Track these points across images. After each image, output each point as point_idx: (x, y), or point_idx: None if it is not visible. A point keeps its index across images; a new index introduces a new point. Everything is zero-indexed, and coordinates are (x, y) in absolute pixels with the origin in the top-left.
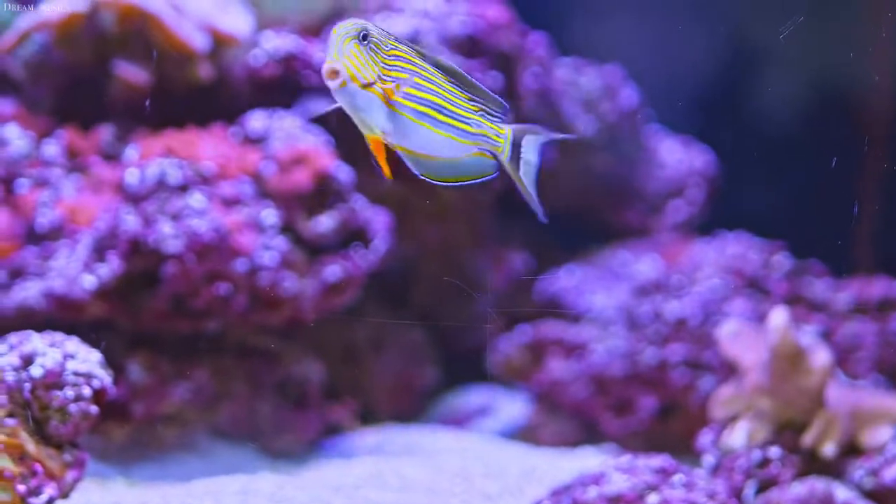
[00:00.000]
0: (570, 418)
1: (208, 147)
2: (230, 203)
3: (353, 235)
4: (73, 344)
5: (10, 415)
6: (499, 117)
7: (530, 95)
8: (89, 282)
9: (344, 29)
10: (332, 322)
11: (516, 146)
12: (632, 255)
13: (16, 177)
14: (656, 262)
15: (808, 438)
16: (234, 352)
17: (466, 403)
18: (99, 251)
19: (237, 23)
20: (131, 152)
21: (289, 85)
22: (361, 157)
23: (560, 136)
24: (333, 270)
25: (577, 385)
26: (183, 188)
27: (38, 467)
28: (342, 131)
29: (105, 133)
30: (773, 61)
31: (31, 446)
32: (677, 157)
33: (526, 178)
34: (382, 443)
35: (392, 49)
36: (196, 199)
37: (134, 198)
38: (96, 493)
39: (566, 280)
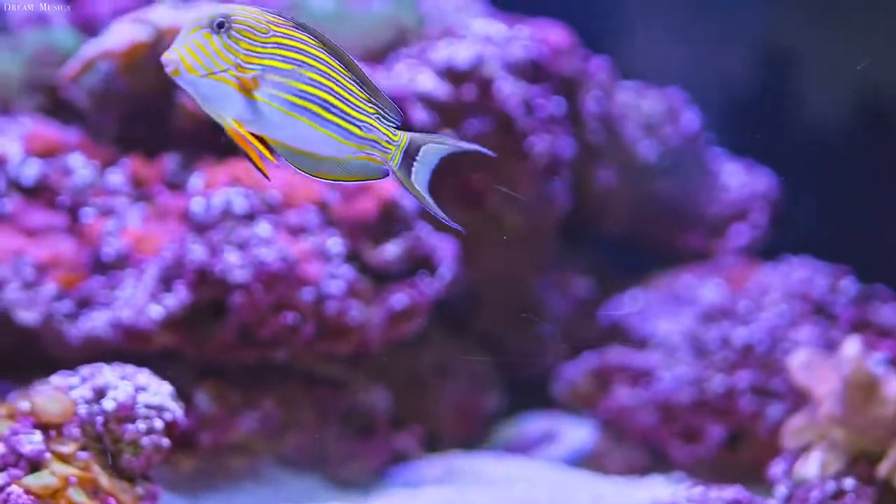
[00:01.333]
0: (637, 446)
1: (272, 175)
2: (296, 232)
3: (419, 263)
4: (145, 376)
5: (83, 448)
6: (393, 123)
7: (592, 120)
8: (156, 312)
9: (195, 16)
10: (397, 348)
11: (411, 153)
12: (695, 280)
13: (81, 206)
14: (720, 286)
15: (883, 469)
16: (300, 380)
17: (531, 430)
18: (165, 281)
19: None
20: (196, 181)
21: None
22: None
23: (466, 146)
24: (400, 298)
25: (644, 412)
26: (249, 217)
27: (112, 501)
28: None
29: (169, 162)
30: (840, 85)
31: (104, 480)
32: (740, 181)
33: (418, 184)
34: (448, 471)
35: (275, 36)
36: (262, 228)
37: (200, 227)
38: None
39: (630, 305)
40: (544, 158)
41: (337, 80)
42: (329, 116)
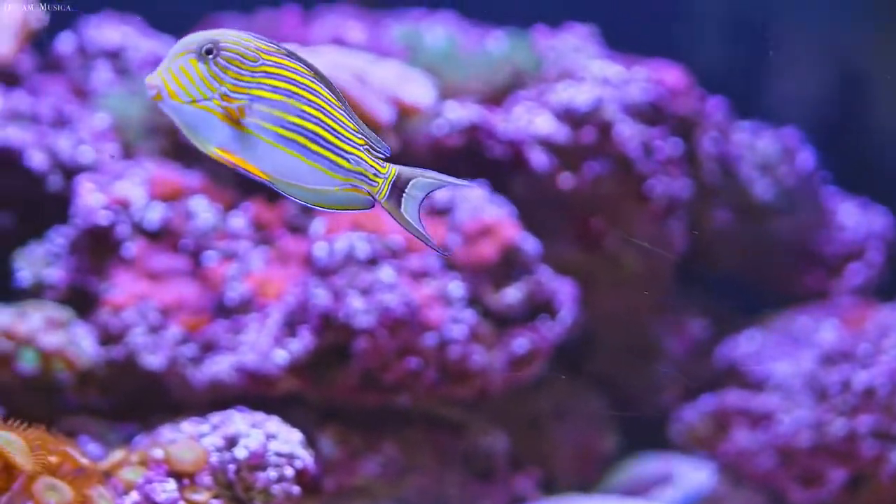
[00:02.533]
0: (756, 489)
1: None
2: (418, 276)
3: (540, 307)
4: (274, 424)
5: (216, 496)
6: (381, 155)
7: (709, 160)
8: (281, 357)
9: (183, 42)
10: (515, 391)
11: (399, 186)
12: (811, 321)
13: (204, 249)
14: (837, 327)
15: None
16: (420, 423)
17: (647, 472)
18: (290, 326)
19: (420, 93)
20: (318, 225)
21: (472, 155)
22: (544, 227)
23: (452, 180)
24: (521, 343)
25: (764, 455)
26: (372, 262)
27: None
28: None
29: (290, 205)
30: None
31: None
32: (855, 220)
33: (409, 214)
34: None
35: (264, 65)
36: (385, 273)
37: (323, 272)
38: None
39: (747, 346)
40: (663, 201)
41: (327, 112)
42: (317, 149)
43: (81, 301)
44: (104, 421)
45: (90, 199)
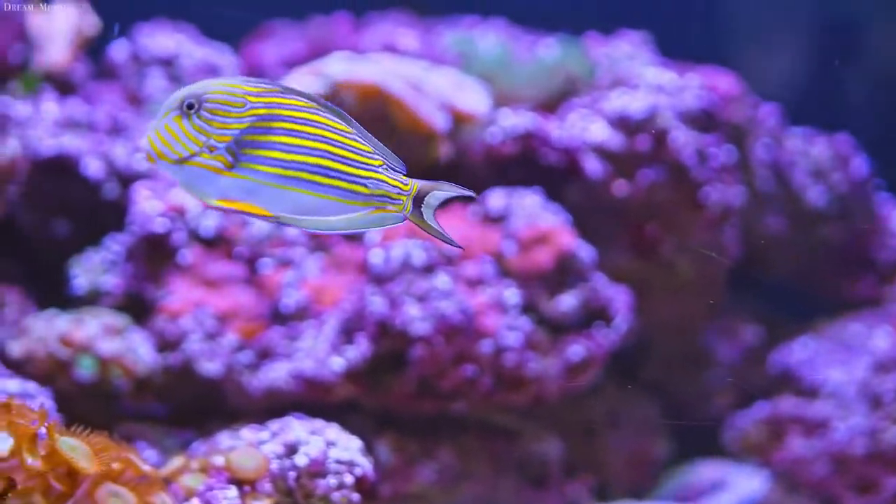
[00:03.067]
0: (810, 497)
1: (450, 226)
2: (474, 283)
3: (595, 314)
4: (334, 431)
5: (276, 503)
6: (399, 171)
7: (762, 167)
8: (338, 364)
9: (166, 101)
10: (569, 397)
11: (419, 199)
12: (864, 328)
13: (259, 256)
14: (890, 335)
15: None
16: (476, 430)
17: (701, 478)
18: (346, 333)
19: (475, 100)
20: (373, 233)
21: (527, 162)
22: (598, 234)
23: (461, 191)
24: (576, 350)
25: (818, 463)
26: (428, 269)
27: None
28: (580, 209)
29: None
30: None
31: None
32: None
33: (429, 221)
34: None
35: (253, 109)
36: (441, 280)
37: (379, 279)
38: None
39: (800, 353)
40: (718, 208)
41: (335, 141)
42: (328, 181)
43: (138, 308)
44: (161, 427)
45: (146, 206)
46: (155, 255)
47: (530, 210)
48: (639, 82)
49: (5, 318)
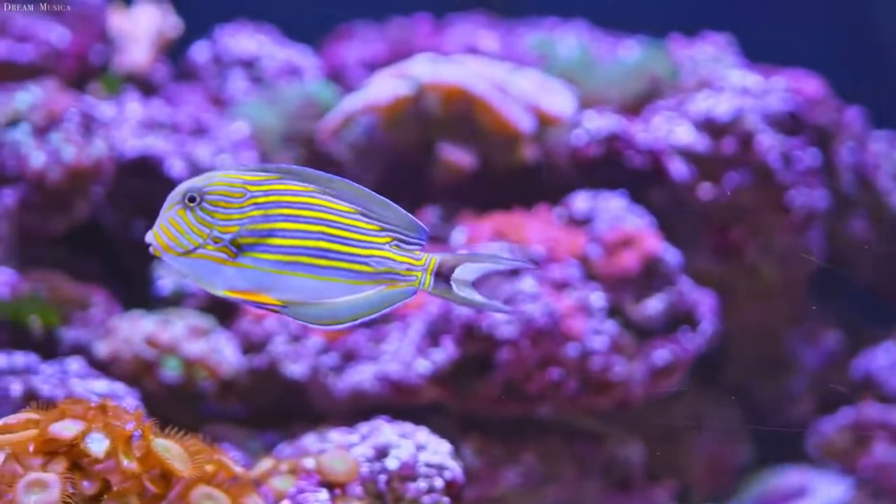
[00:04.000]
0: None
1: (535, 229)
2: (560, 287)
3: (681, 318)
4: (424, 434)
5: None
6: (416, 242)
7: (846, 170)
8: (424, 367)
9: (170, 195)
10: (651, 401)
11: (444, 274)
12: None
13: None
14: None
15: None
16: (560, 434)
17: (783, 484)
18: (432, 336)
19: (560, 102)
20: (459, 235)
21: (612, 165)
22: (682, 237)
23: (507, 262)
24: (662, 354)
25: None
26: (514, 272)
27: None
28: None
29: (431, 215)
30: None
31: None
32: None
33: (465, 293)
34: None
35: (253, 198)
36: (527, 283)
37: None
38: None
39: (884, 359)
40: (803, 212)
41: (334, 223)
42: (329, 263)
43: (222, 310)
44: (245, 429)
45: None
46: None
47: (615, 213)
48: (724, 85)
49: (91, 319)
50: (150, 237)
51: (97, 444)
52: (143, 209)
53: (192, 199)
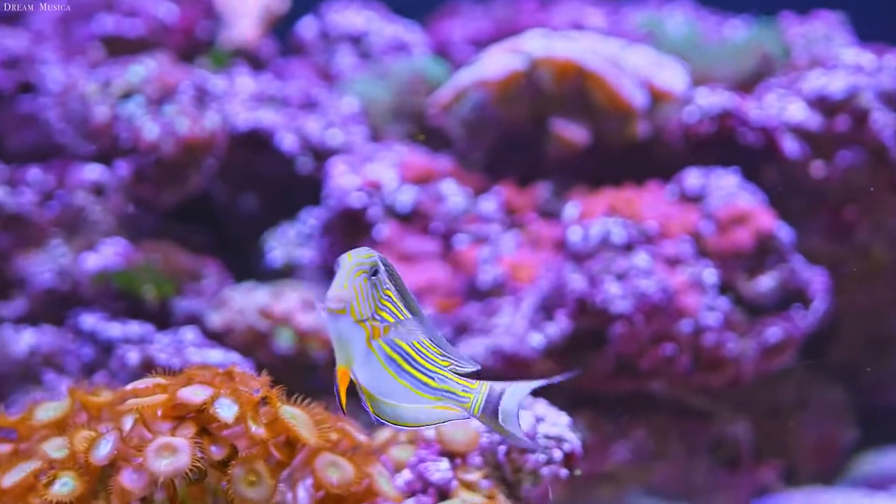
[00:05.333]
0: None
1: (648, 205)
2: (673, 263)
3: (793, 296)
4: (542, 406)
5: (486, 477)
6: (468, 373)
7: None
8: (537, 341)
9: (358, 259)
10: (759, 380)
11: (493, 400)
12: None
13: (454, 233)
14: None
15: None
16: (669, 411)
17: (889, 466)
18: (545, 310)
19: (673, 78)
20: (571, 210)
21: (724, 142)
22: (794, 215)
23: (543, 382)
24: (774, 332)
25: None
26: (628, 247)
27: None
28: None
29: (542, 190)
30: None
31: None
32: None
33: (508, 424)
34: None
35: (387, 289)
36: (641, 258)
37: (577, 256)
38: None
39: None
40: None
41: (415, 335)
42: (408, 368)
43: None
44: (355, 401)
45: (343, 180)
46: (351, 230)
47: (728, 189)
48: (837, 63)
49: (204, 290)
50: (343, 295)
51: (226, 410)
52: (253, 182)
53: (375, 272)
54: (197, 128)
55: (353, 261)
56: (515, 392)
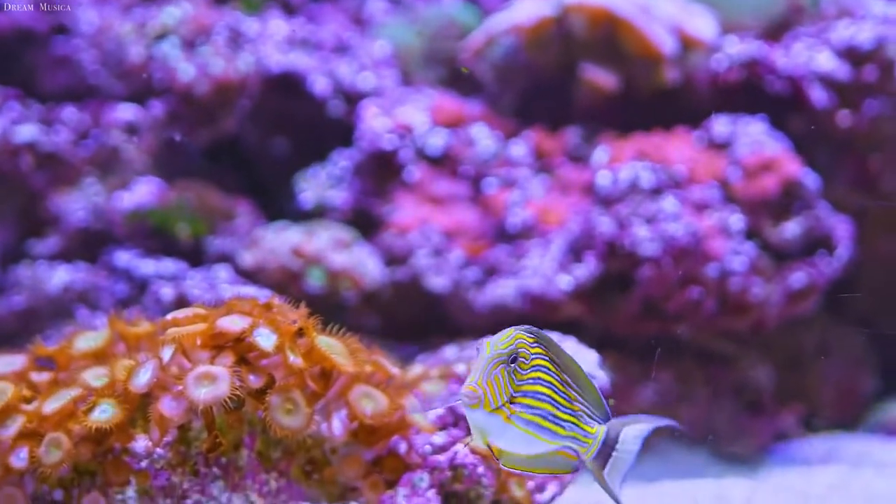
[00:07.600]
0: None
1: (677, 151)
2: (700, 207)
3: (818, 243)
4: (572, 344)
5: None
6: (598, 419)
7: None
8: (566, 282)
9: (497, 351)
10: (780, 327)
11: (609, 444)
12: None
13: (484, 176)
14: None
15: None
16: (694, 355)
17: None
18: (574, 252)
19: (702, 26)
20: (601, 154)
21: (752, 90)
22: (820, 164)
23: (665, 422)
24: (799, 277)
25: None
26: (656, 192)
27: None
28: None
29: (572, 135)
30: None
31: None
32: None
33: (616, 470)
34: (831, 451)
35: (535, 359)
36: (670, 202)
37: (606, 200)
38: (578, 492)
39: None
40: None
41: (556, 388)
42: (547, 424)
43: (364, 223)
44: (385, 341)
45: (375, 123)
46: (382, 172)
47: (755, 137)
48: (865, 13)
49: (237, 229)
50: (478, 390)
51: (265, 339)
52: (285, 125)
53: (513, 360)
54: (231, 69)
55: (491, 353)
56: (632, 432)
